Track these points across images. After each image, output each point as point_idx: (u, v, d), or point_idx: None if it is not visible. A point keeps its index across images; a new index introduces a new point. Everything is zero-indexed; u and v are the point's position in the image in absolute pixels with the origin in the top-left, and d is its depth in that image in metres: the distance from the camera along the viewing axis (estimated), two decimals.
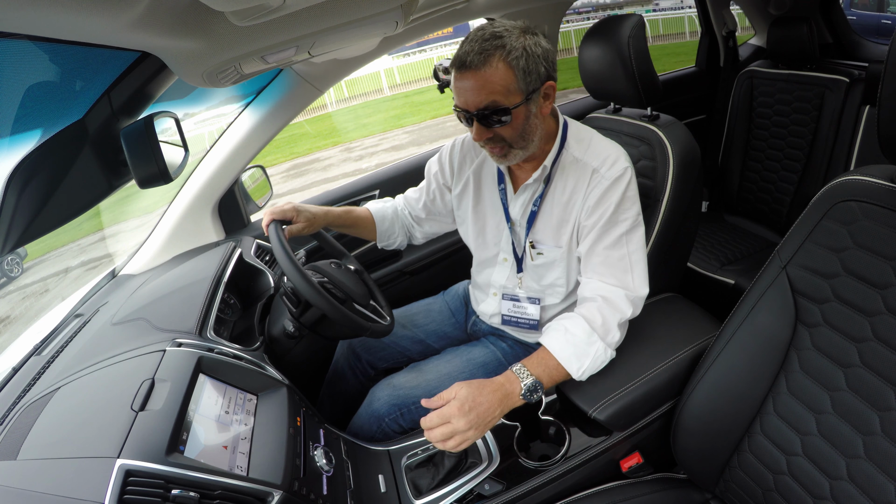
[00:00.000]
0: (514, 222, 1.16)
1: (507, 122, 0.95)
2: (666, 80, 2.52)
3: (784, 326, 0.84)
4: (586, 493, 1.00)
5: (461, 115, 0.99)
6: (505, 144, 1.00)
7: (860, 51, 2.31)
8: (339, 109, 13.95)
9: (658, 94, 1.26)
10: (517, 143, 1.00)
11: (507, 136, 0.98)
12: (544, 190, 1.09)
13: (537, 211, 1.11)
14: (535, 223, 1.12)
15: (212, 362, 0.91)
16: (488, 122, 0.96)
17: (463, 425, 0.86)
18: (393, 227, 1.34)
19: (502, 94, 0.93)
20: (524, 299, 1.21)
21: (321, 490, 0.85)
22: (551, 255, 1.12)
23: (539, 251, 1.13)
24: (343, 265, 1.17)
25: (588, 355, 0.98)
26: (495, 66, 0.91)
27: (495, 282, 1.25)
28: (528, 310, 1.21)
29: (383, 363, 1.40)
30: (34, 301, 4.77)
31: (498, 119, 0.95)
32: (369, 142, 9.77)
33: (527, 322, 1.22)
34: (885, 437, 0.71)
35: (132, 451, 0.68)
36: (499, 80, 0.92)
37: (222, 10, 0.66)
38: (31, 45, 0.73)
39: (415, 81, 14.74)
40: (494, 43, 0.91)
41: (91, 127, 0.96)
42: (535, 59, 0.94)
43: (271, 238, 1.05)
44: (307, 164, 9.17)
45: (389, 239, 1.36)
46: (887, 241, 0.72)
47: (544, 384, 0.96)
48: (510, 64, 0.92)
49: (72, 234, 5.61)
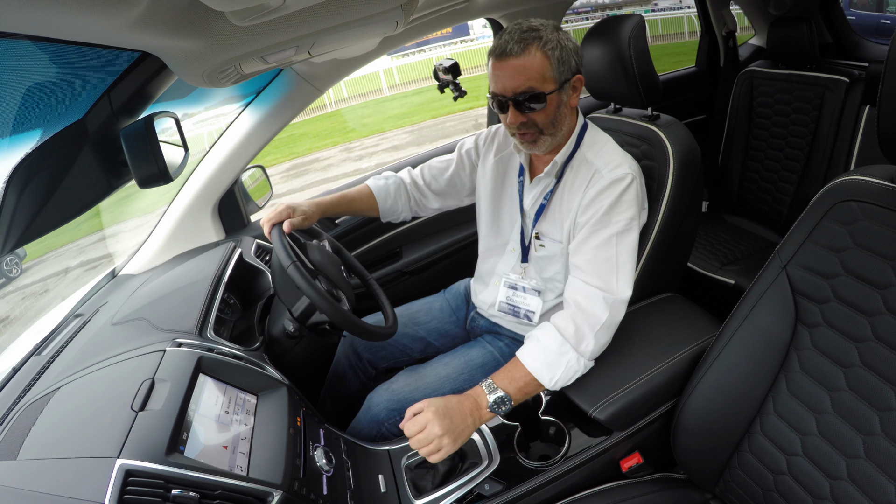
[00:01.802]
0: (526, 213, 1.20)
1: (541, 108, 1.01)
2: (666, 80, 2.52)
3: (784, 326, 0.85)
4: (586, 493, 1.00)
5: (496, 103, 1.04)
6: (536, 131, 1.05)
7: (860, 51, 2.31)
8: (338, 109, 13.95)
9: (658, 95, 1.26)
10: (548, 129, 1.05)
11: (540, 121, 1.04)
12: (555, 185, 1.13)
13: (546, 204, 1.15)
14: (542, 216, 1.16)
15: (212, 362, 0.91)
16: (523, 108, 1.02)
17: (438, 429, 0.88)
18: (396, 203, 1.35)
19: (538, 81, 0.99)
20: (527, 289, 1.22)
21: (321, 490, 0.85)
22: (552, 248, 1.15)
23: (542, 243, 1.16)
24: (345, 269, 1.18)
25: (560, 365, 0.98)
26: (533, 54, 0.99)
27: (500, 270, 1.27)
28: (527, 299, 1.22)
29: (384, 362, 1.40)
30: (34, 301, 4.76)
31: (532, 105, 1.01)
32: (369, 142, 9.77)
33: (523, 312, 1.22)
34: (885, 437, 0.71)
35: (132, 451, 0.68)
36: (536, 67, 0.99)
37: (222, 10, 0.66)
38: (31, 45, 0.73)
39: (414, 82, 14.75)
40: (532, 34, 0.99)
41: (91, 127, 0.96)
42: (567, 51, 1.01)
43: (272, 240, 1.05)
44: (307, 164, 9.17)
45: (393, 215, 1.37)
46: (887, 241, 0.72)
47: (513, 397, 0.97)
48: (546, 54, 0.99)
49: (71, 234, 5.60)
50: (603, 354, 1.07)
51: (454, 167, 1.34)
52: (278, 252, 1.02)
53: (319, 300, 0.98)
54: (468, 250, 1.38)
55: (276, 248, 1.03)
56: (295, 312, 1.07)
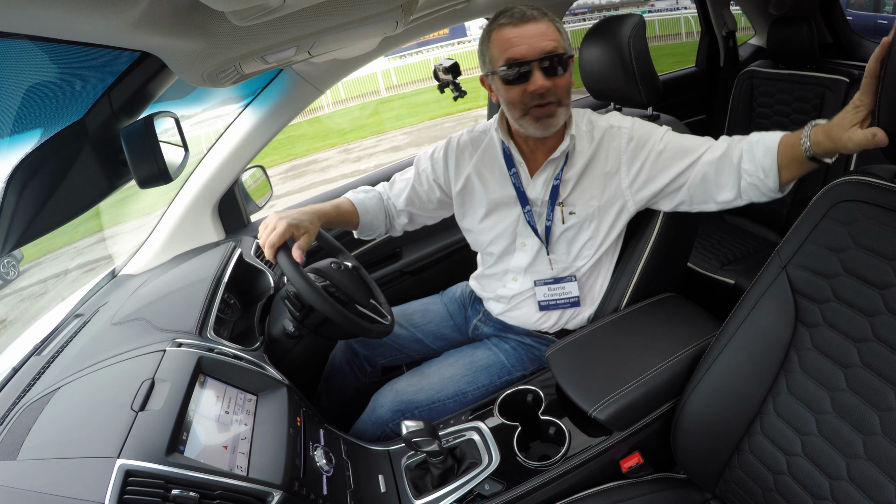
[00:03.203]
0: (534, 202, 1.17)
1: (564, 73, 1.03)
2: (666, 80, 2.52)
3: (784, 326, 0.84)
4: (586, 493, 1.00)
5: (514, 71, 1.01)
6: (554, 101, 1.03)
7: (860, 51, 2.31)
8: (336, 111, 13.94)
9: (658, 95, 1.26)
10: (565, 98, 1.05)
11: (563, 88, 1.04)
12: (566, 161, 1.13)
13: (559, 183, 1.14)
14: (564, 190, 1.15)
15: (212, 362, 0.91)
16: (551, 71, 1.01)
17: None
18: (376, 219, 1.29)
19: (561, 45, 1.02)
20: (559, 280, 1.21)
21: (321, 490, 0.85)
22: (582, 213, 1.14)
23: (572, 210, 1.15)
24: (341, 264, 1.17)
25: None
26: (549, 23, 1.03)
27: (515, 266, 1.23)
28: (566, 288, 1.21)
29: (381, 360, 1.39)
30: (32, 303, 4.75)
31: (559, 67, 1.01)
32: (367, 143, 9.76)
33: (567, 301, 1.22)
34: (885, 437, 0.71)
35: (132, 451, 0.68)
36: (554, 33, 1.02)
37: (222, 10, 0.66)
38: (31, 45, 0.73)
39: (412, 83, 14.75)
40: (538, 10, 1.03)
41: (91, 127, 0.96)
42: (565, 32, 1.06)
43: (281, 264, 0.99)
44: (305, 165, 9.16)
45: (370, 231, 1.31)
46: (887, 241, 0.72)
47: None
48: (556, 27, 1.04)
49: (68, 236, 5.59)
50: (603, 354, 1.07)
51: (411, 188, 1.29)
52: (305, 292, 0.98)
53: (362, 327, 1.04)
54: (468, 250, 1.38)
55: (296, 284, 0.98)
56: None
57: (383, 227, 1.33)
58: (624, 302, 1.24)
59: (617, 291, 1.24)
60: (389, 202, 1.33)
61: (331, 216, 1.19)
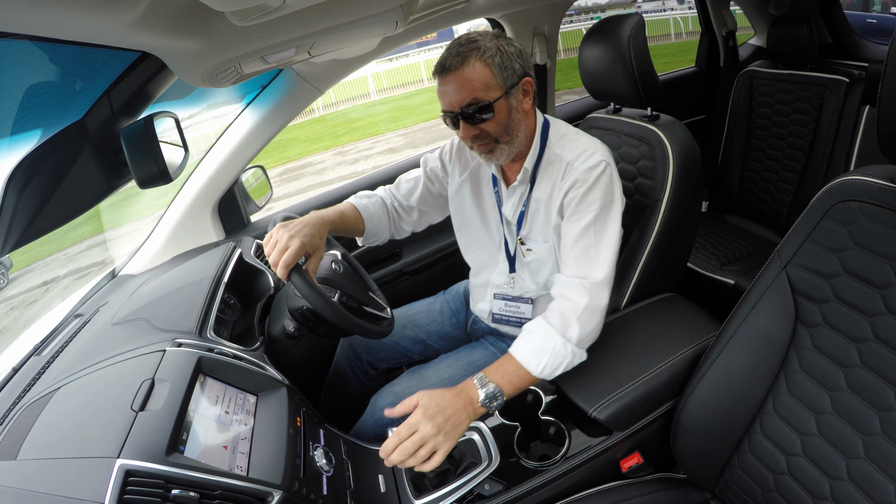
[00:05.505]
0: (508, 222, 1.18)
1: (490, 116, 1.00)
2: (666, 80, 2.52)
3: (784, 326, 0.84)
4: (586, 493, 1.00)
5: (447, 119, 1.04)
6: (490, 140, 1.03)
7: (860, 51, 2.31)
8: (328, 114, 13.91)
9: (658, 95, 1.26)
10: (502, 137, 1.03)
11: (492, 130, 1.02)
12: (530, 190, 1.12)
13: (525, 211, 1.14)
14: (524, 222, 1.15)
15: (212, 362, 0.91)
16: (472, 119, 1.00)
17: (431, 429, 0.86)
18: (380, 223, 1.28)
19: (482, 91, 0.98)
20: (517, 298, 1.22)
21: (321, 490, 0.85)
22: (539, 251, 1.14)
23: (528, 247, 1.15)
24: (339, 263, 1.17)
25: (546, 351, 0.97)
26: (472, 64, 0.98)
27: (494, 281, 1.25)
28: (520, 308, 1.22)
29: (384, 363, 1.40)
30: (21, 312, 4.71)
31: (481, 115, 0.99)
32: (363, 145, 9.73)
33: (518, 321, 1.22)
34: (885, 437, 0.71)
35: (132, 451, 0.68)
36: (477, 78, 0.98)
37: (222, 10, 0.66)
38: (31, 45, 0.73)
39: (402, 85, 14.77)
40: (470, 46, 0.98)
41: (91, 127, 0.96)
42: (509, 56, 1.00)
43: (298, 287, 0.97)
44: (300, 168, 9.11)
45: (375, 237, 1.30)
46: (887, 241, 0.72)
47: (504, 390, 0.96)
48: (486, 62, 0.98)
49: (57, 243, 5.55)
50: (603, 354, 1.07)
51: (423, 186, 1.30)
52: (326, 312, 0.98)
53: (369, 330, 1.05)
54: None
55: (315, 305, 0.97)
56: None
57: (387, 233, 1.33)
58: (623, 302, 1.24)
59: (616, 292, 1.24)
60: (396, 203, 1.33)
61: (336, 224, 1.17)
